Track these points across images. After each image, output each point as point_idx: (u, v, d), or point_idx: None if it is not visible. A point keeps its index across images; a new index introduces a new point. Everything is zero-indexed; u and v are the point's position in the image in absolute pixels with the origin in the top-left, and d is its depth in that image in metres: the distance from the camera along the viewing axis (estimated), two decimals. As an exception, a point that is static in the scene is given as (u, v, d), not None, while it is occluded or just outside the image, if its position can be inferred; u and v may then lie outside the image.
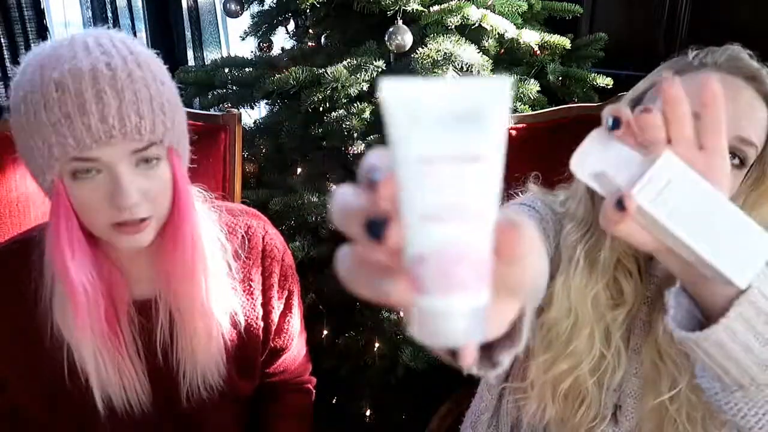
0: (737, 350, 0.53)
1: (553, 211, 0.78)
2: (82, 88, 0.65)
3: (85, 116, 0.64)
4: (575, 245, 0.73)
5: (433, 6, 1.46)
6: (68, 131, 0.64)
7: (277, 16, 1.72)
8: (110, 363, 0.76)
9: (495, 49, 1.55)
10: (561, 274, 0.73)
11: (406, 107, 0.25)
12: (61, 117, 0.64)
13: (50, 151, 0.66)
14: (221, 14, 3.14)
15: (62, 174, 0.67)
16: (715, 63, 0.69)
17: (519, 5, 1.55)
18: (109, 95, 0.65)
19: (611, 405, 0.78)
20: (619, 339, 0.74)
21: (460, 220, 0.25)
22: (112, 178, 0.68)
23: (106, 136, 0.65)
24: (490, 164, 0.25)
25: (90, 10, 3.07)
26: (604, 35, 1.71)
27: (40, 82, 0.66)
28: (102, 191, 0.68)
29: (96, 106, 0.65)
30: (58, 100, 0.64)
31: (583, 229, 0.73)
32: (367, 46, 1.47)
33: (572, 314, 0.73)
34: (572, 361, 0.74)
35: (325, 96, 1.42)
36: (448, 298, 0.25)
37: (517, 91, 1.44)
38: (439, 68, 1.40)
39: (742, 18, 1.94)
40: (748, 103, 0.67)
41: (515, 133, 1.23)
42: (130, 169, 0.69)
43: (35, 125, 0.66)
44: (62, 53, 0.67)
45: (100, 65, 0.66)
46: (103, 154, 0.67)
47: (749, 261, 0.48)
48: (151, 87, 0.69)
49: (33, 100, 0.66)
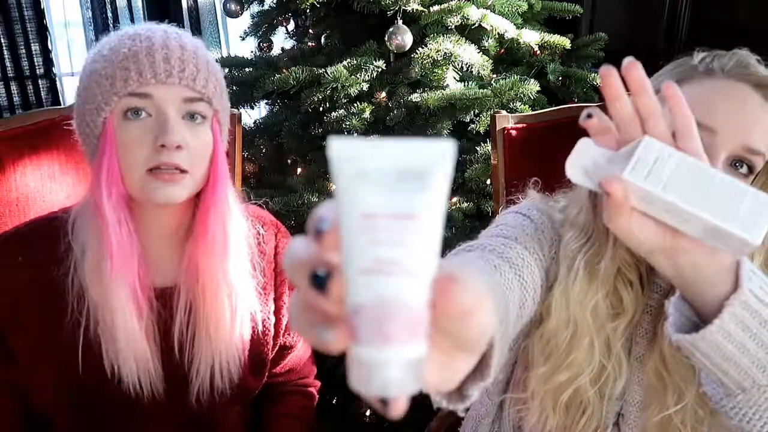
0: (733, 351, 0.53)
1: (550, 218, 0.77)
2: (152, 36, 0.74)
3: (150, 55, 0.72)
4: (575, 254, 0.72)
5: (433, 6, 1.46)
6: (133, 65, 0.72)
7: (277, 16, 1.72)
8: (131, 335, 0.76)
9: (495, 49, 1.55)
10: (560, 284, 0.72)
11: (352, 163, 0.26)
12: (129, 54, 0.72)
13: (113, 85, 0.72)
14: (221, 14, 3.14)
15: (114, 113, 0.73)
16: (722, 69, 0.67)
17: (519, 5, 1.55)
18: (175, 45, 0.74)
19: (613, 414, 0.77)
20: (620, 349, 0.73)
21: (397, 275, 0.26)
22: (161, 119, 0.73)
23: (166, 75, 0.72)
24: (429, 222, 0.26)
25: (90, 11, 3.07)
26: (604, 35, 1.71)
27: (114, 37, 0.76)
28: (149, 132, 0.73)
29: (161, 50, 0.73)
30: (128, 43, 0.73)
31: (584, 238, 0.72)
32: (367, 46, 1.47)
33: (571, 324, 0.72)
34: (572, 372, 0.73)
35: (325, 96, 1.42)
36: (381, 350, 0.26)
37: (517, 91, 1.44)
38: (439, 68, 1.40)
39: (742, 18, 1.94)
40: (755, 111, 0.65)
41: (515, 133, 1.22)
42: (178, 117, 0.74)
43: (102, 64, 0.73)
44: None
45: (171, 28, 0.78)
46: (157, 93, 0.73)
47: (756, 219, 0.48)
48: (209, 57, 0.79)
49: (105, 47, 0.75)
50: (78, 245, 0.76)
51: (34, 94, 3.04)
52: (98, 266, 0.75)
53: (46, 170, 1.07)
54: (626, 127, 0.52)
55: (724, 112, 0.65)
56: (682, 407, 0.71)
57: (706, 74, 0.68)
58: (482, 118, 1.45)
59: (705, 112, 0.64)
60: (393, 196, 0.26)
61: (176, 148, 0.73)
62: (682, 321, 0.57)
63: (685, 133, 0.51)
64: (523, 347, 0.78)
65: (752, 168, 0.66)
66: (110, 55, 0.74)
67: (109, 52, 0.74)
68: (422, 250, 0.26)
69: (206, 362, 0.81)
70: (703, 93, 0.66)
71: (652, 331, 0.74)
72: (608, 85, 0.51)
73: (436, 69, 1.40)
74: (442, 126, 1.43)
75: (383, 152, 0.26)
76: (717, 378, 0.57)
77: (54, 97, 3.08)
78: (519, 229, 0.74)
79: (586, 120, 0.52)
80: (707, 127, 0.64)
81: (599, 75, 0.51)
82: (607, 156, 0.53)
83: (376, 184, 0.26)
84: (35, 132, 1.06)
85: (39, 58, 3.00)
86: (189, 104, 0.75)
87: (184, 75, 0.73)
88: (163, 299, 0.81)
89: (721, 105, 0.65)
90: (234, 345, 0.83)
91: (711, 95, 0.66)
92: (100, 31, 3.08)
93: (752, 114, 0.65)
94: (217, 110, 0.78)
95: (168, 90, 0.73)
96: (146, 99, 0.73)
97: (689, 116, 0.51)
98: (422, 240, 0.26)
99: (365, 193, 0.26)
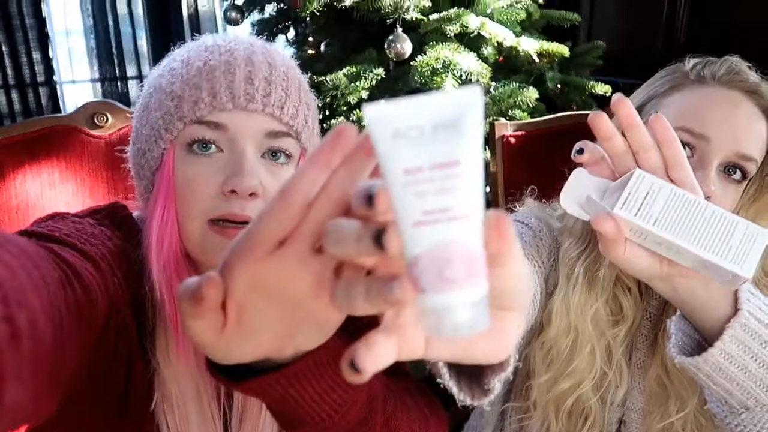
0: (736, 372, 0.54)
1: (549, 226, 0.77)
2: (234, 49, 0.59)
3: (229, 73, 0.57)
4: (574, 262, 0.72)
5: (433, 14, 1.47)
6: (206, 84, 0.56)
7: (277, 24, 1.72)
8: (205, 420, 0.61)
9: (494, 57, 1.56)
10: (560, 292, 0.73)
11: (387, 125, 0.27)
12: (203, 70, 0.57)
13: (179, 108, 0.57)
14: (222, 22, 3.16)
15: (176, 144, 0.58)
16: (713, 77, 0.68)
17: (518, 13, 1.56)
18: (261, 61, 0.59)
19: (615, 421, 0.78)
20: (620, 355, 0.73)
21: (448, 221, 0.27)
22: (235, 157, 0.57)
23: (247, 100, 0.57)
24: (470, 166, 0.27)
25: (91, 18, 3.09)
26: (602, 43, 1.71)
27: (190, 45, 0.61)
28: (218, 172, 0.57)
29: (244, 67, 0.57)
30: (204, 55, 0.58)
31: (582, 245, 0.73)
32: (367, 54, 1.48)
33: (572, 332, 0.72)
34: (574, 380, 0.73)
35: (324, 103, 1.43)
36: (445, 294, 0.27)
37: (516, 99, 1.44)
38: (438, 76, 1.40)
39: (740, 25, 1.95)
40: (746, 118, 0.66)
41: (514, 141, 1.23)
42: (257, 155, 0.58)
43: (169, 79, 0.58)
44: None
45: (258, 41, 0.62)
46: (233, 123, 0.57)
47: (747, 252, 0.49)
48: (302, 80, 0.64)
49: (176, 58, 0.60)
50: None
51: (34, 101, 3.05)
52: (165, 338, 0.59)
53: (46, 178, 1.07)
54: (619, 160, 0.53)
55: (717, 119, 0.65)
56: (684, 415, 0.71)
57: (697, 82, 0.68)
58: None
59: (697, 120, 0.65)
60: (432, 148, 0.27)
61: (250, 196, 0.56)
62: (684, 341, 0.58)
63: (676, 164, 0.52)
64: (524, 355, 0.78)
65: (745, 174, 0.67)
66: (180, 69, 0.58)
67: (180, 65, 0.59)
68: (468, 194, 0.27)
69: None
70: (696, 101, 0.67)
71: (653, 337, 0.74)
72: (598, 129, 0.52)
73: (435, 77, 1.40)
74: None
75: (415, 109, 0.27)
76: (721, 397, 0.57)
77: (54, 105, 3.09)
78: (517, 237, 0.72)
79: (577, 155, 0.53)
80: (700, 135, 0.65)
81: (588, 121, 0.52)
82: (601, 187, 0.54)
83: (413, 140, 0.27)
84: (35, 140, 1.06)
85: (40, 65, 3.01)
86: (272, 139, 0.59)
87: (270, 101, 0.58)
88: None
89: (713, 113, 0.66)
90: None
91: (703, 103, 0.66)
92: (101, 39, 3.09)
93: (744, 121, 0.66)
94: (305, 148, 0.62)
95: (247, 119, 0.57)
96: (219, 130, 0.57)
97: (678, 148, 0.52)
98: (467, 184, 0.27)
99: (405, 151, 0.27)
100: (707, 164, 0.65)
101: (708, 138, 0.65)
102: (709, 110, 0.66)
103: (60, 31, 3.16)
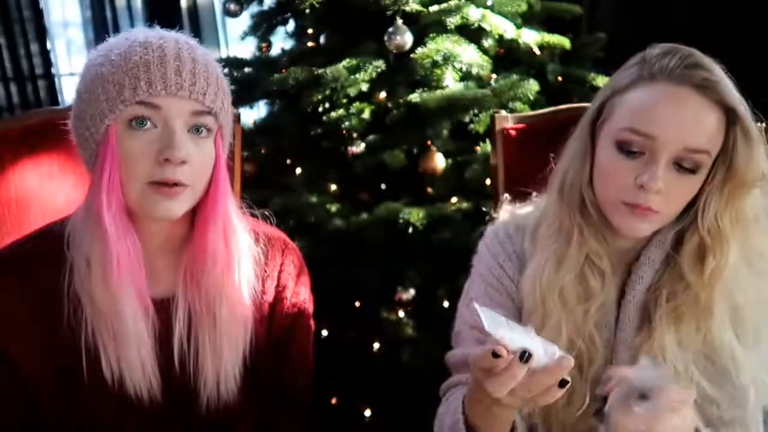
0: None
1: (521, 231, 0.85)
2: (164, 46, 0.73)
3: (162, 66, 0.71)
4: (547, 244, 0.79)
5: (433, 6, 1.46)
6: (143, 75, 0.71)
7: (277, 16, 1.72)
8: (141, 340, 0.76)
9: (494, 49, 1.55)
10: (533, 273, 0.79)
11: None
12: (140, 63, 0.71)
13: (120, 93, 0.71)
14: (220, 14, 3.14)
15: (118, 121, 0.72)
16: (663, 71, 0.70)
17: (518, 5, 1.55)
18: (187, 57, 0.73)
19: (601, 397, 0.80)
20: (593, 329, 0.77)
21: None
22: (167, 132, 0.72)
23: (177, 88, 0.71)
24: None
25: (89, 10, 3.07)
26: (603, 35, 1.71)
27: (123, 41, 0.74)
28: (153, 144, 0.72)
29: (174, 61, 0.72)
30: (139, 51, 0.72)
31: (554, 226, 0.79)
32: (367, 47, 1.48)
33: (540, 306, 0.78)
34: None
35: (324, 96, 1.42)
36: None
37: (517, 91, 1.44)
38: (438, 68, 1.40)
39: (741, 18, 1.94)
40: (693, 113, 0.69)
41: (515, 134, 1.22)
42: (183, 130, 0.73)
43: (109, 69, 0.72)
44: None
45: (182, 38, 0.76)
46: (166, 105, 0.72)
47: None
48: (219, 71, 0.78)
49: (113, 52, 0.73)
50: (79, 255, 0.75)
51: (33, 94, 3.05)
52: (104, 275, 0.74)
53: (45, 170, 1.07)
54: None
55: (663, 117, 0.69)
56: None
57: (649, 79, 0.71)
58: (482, 118, 1.45)
59: (644, 120, 0.70)
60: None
61: (181, 163, 0.72)
62: None
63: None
64: None
65: (698, 165, 0.70)
66: (119, 60, 0.72)
67: (118, 57, 0.72)
68: None
69: (212, 374, 0.80)
70: (644, 100, 0.71)
71: (639, 319, 0.78)
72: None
73: (435, 69, 1.40)
74: (442, 126, 1.44)
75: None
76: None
77: (53, 98, 3.08)
78: (487, 299, 0.84)
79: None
80: (646, 135, 0.69)
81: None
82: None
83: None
84: (34, 132, 1.06)
85: (38, 58, 3.00)
86: (196, 117, 0.74)
87: (195, 89, 0.73)
88: (161, 310, 0.80)
89: (660, 110, 0.69)
90: (237, 356, 0.81)
91: (651, 102, 0.70)
92: (100, 31, 3.08)
93: (692, 116, 0.69)
94: (222, 125, 0.78)
95: (177, 102, 0.72)
96: (154, 109, 0.72)
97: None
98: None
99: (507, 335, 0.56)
100: (656, 161, 0.69)
101: (654, 136, 0.69)
102: (655, 108, 0.69)
103: (58, 23, 3.15)
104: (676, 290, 0.75)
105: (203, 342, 0.80)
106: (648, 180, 0.68)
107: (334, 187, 1.56)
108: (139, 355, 0.77)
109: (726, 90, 0.69)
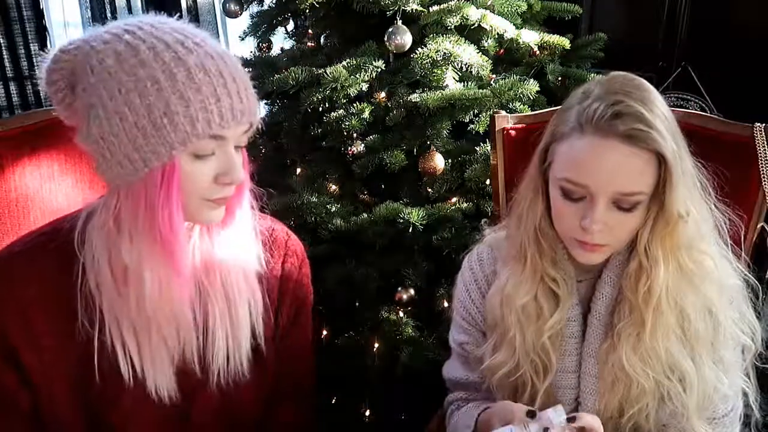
0: None
1: (484, 269, 0.93)
2: (221, 70, 0.69)
3: (228, 96, 0.69)
4: (509, 265, 0.87)
5: (433, 6, 1.46)
6: (216, 108, 0.68)
7: (277, 17, 1.72)
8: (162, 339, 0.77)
9: (494, 49, 1.55)
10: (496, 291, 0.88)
11: None
12: (209, 95, 0.68)
13: (193, 127, 0.68)
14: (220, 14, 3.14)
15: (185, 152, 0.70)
16: (590, 122, 0.73)
17: (518, 5, 1.55)
18: (238, 77, 0.71)
19: (571, 401, 0.88)
20: (546, 341, 0.84)
21: None
22: (226, 157, 0.72)
23: (240, 115, 0.71)
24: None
25: (89, 11, 3.08)
26: (603, 35, 1.71)
27: (165, 63, 0.68)
28: (213, 169, 0.73)
29: (232, 87, 0.70)
30: (204, 81, 0.68)
31: (513, 250, 0.86)
32: (367, 47, 1.47)
33: (501, 322, 0.87)
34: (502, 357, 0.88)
35: (324, 96, 1.42)
36: None
37: (517, 92, 1.44)
38: (438, 68, 1.40)
39: (741, 18, 1.94)
40: (619, 164, 0.72)
41: (515, 134, 1.23)
42: (236, 149, 0.74)
43: (170, 95, 0.67)
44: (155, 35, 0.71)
45: (218, 48, 0.72)
46: (229, 133, 0.71)
47: None
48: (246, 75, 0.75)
49: (163, 79, 0.67)
50: (101, 259, 0.75)
51: (33, 94, 3.05)
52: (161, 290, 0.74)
53: (45, 170, 1.07)
54: None
55: (591, 168, 0.73)
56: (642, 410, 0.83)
57: (579, 131, 0.74)
58: (482, 118, 1.45)
59: (575, 172, 0.75)
60: None
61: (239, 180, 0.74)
62: None
63: None
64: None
65: (634, 204, 0.74)
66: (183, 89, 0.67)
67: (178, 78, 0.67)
68: None
69: (223, 350, 0.81)
70: (574, 154, 0.75)
71: (604, 332, 0.84)
72: None
73: (435, 69, 1.40)
74: (442, 126, 1.44)
75: None
76: None
77: (53, 98, 3.08)
78: (461, 329, 0.96)
79: None
80: (580, 184, 0.74)
81: None
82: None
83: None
84: (34, 132, 1.06)
85: (38, 58, 3.00)
86: (243, 136, 0.75)
87: (250, 110, 0.72)
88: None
89: (588, 163, 0.74)
90: (246, 332, 0.83)
91: (580, 155, 0.74)
92: (100, 31, 3.07)
93: (619, 166, 0.72)
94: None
95: (236, 128, 0.72)
96: (221, 140, 0.71)
97: None
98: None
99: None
100: (594, 206, 0.74)
101: (586, 185, 0.74)
102: (584, 161, 0.74)
103: (58, 23, 3.15)
104: (632, 306, 0.81)
105: (214, 316, 0.81)
106: (588, 224, 0.74)
107: (334, 187, 1.56)
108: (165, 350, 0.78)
109: (653, 136, 0.71)
